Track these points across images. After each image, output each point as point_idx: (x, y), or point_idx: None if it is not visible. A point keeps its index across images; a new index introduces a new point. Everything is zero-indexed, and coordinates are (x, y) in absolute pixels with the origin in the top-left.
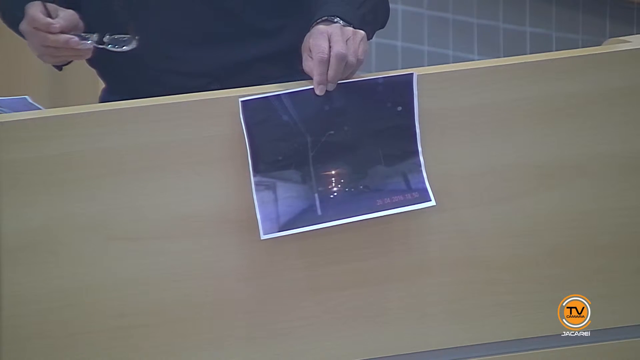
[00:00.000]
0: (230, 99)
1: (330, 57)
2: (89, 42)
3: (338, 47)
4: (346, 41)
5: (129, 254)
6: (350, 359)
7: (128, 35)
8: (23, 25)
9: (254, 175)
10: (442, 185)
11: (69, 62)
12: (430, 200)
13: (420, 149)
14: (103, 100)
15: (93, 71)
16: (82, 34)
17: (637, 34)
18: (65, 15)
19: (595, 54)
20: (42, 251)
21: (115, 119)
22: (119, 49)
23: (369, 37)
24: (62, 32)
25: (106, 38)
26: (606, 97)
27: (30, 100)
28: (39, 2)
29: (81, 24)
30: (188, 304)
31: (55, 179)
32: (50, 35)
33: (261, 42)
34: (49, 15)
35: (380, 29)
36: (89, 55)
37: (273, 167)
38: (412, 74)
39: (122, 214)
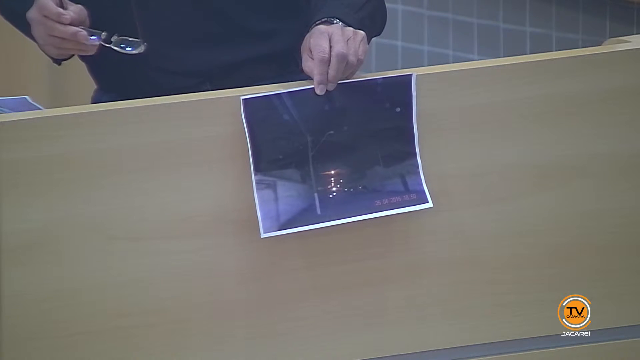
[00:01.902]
0: (231, 99)
1: (331, 56)
2: (97, 38)
3: (339, 47)
4: (347, 41)
5: (129, 254)
6: (350, 359)
7: (137, 39)
8: (31, 13)
9: (255, 174)
10: (441, 185)
11: (69, 58)
12: (428, 202)
13: (418, 150)
14: (95, 100)
15: None
16: (91, 29)
17: (637, 34)
18: (75, 9)
19: (595, 54)
20: (42, 251)
21: (115, 119)
22: (125, 51)
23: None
24: (71, 24)
25: (114, 38)
26: (606, 97)
27: (30, 100)
28: None
29: (88, 20)
30: (188, 304)
31: (55, 179)
32: (59, 25)
33: (254, 43)
34: (61, 6)
35: (376, 35)
36: (93, 51)
37: (274, 166)
38: (411, 75)
39: (122, 214)
